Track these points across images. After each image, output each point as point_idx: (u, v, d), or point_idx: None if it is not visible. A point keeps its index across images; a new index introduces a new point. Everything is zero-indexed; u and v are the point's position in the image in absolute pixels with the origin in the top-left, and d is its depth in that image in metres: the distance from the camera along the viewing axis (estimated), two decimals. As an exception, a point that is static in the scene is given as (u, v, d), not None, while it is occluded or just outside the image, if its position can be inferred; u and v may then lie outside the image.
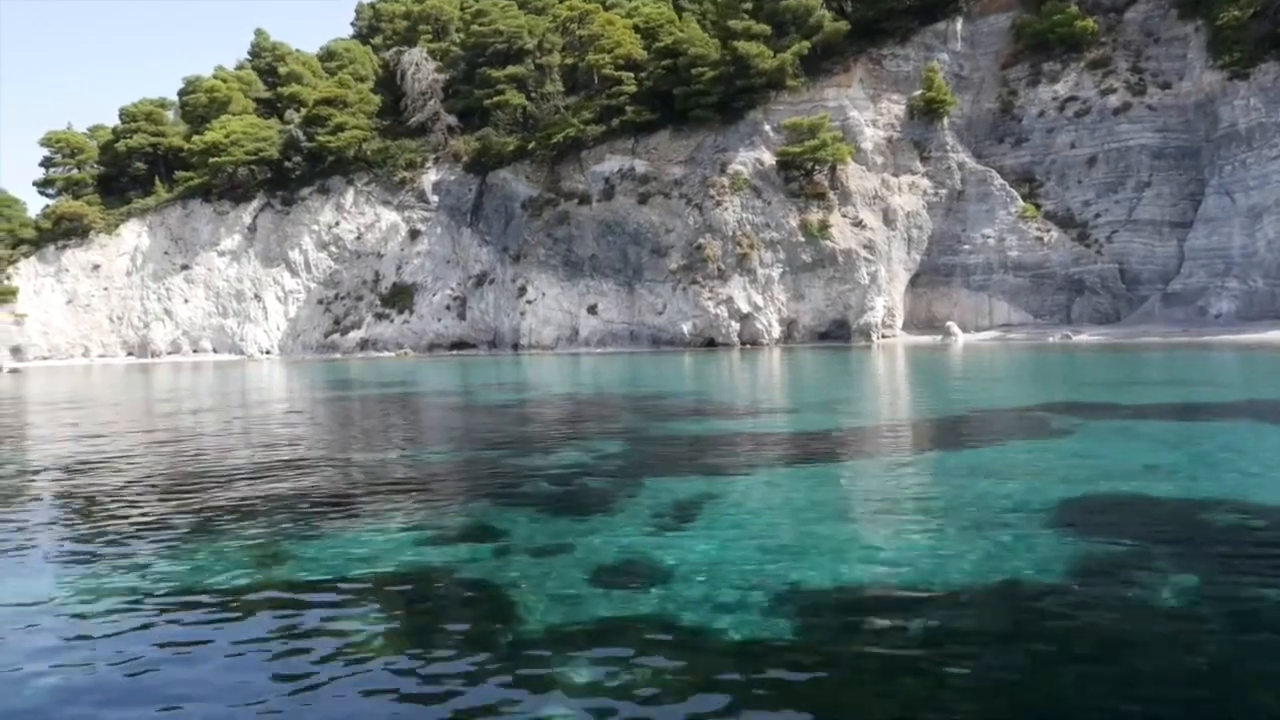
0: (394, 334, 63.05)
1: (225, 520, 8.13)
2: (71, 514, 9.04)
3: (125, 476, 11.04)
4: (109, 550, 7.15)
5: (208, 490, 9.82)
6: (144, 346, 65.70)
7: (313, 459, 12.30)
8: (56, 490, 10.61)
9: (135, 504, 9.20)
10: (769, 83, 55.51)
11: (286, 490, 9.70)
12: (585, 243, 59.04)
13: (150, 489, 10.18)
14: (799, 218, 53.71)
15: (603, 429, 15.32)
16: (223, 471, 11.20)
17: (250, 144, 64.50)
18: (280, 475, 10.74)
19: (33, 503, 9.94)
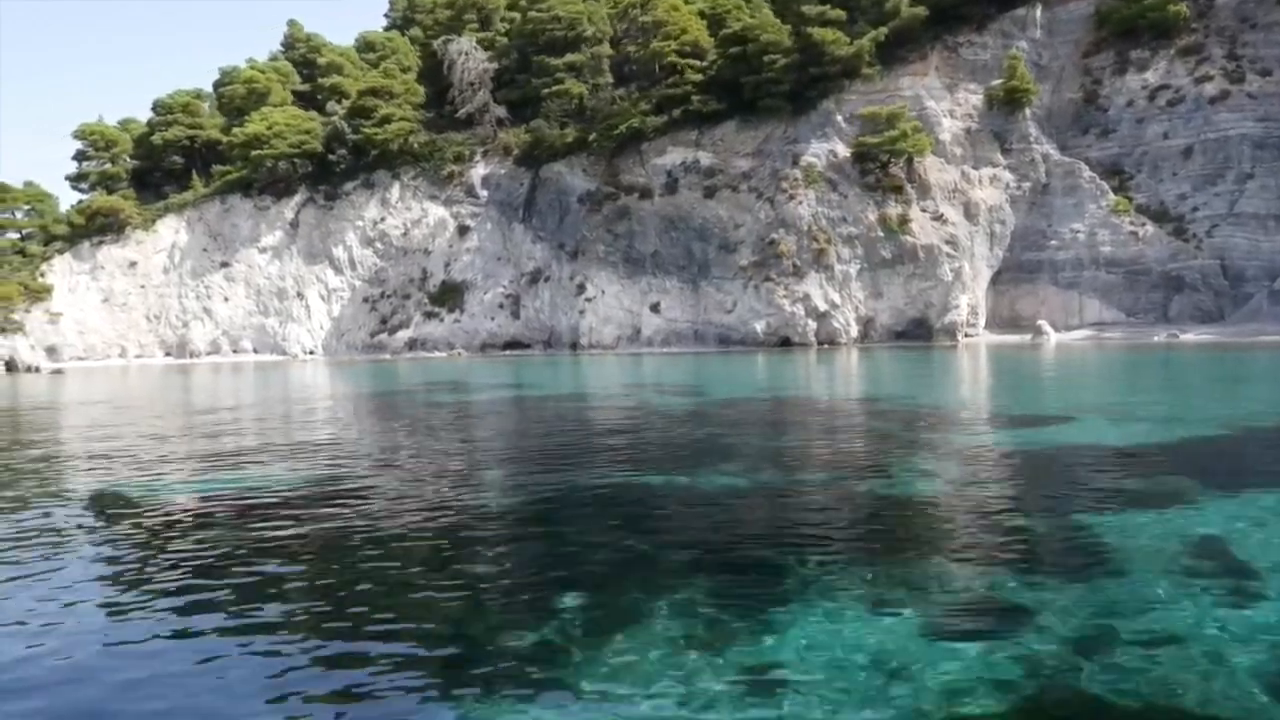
0: (444, 333, 60.62)
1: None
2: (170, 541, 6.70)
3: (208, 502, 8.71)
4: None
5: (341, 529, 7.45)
6: (182, 347, 63.27)
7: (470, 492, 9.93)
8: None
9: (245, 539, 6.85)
10: (843, 71, 53.22)
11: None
12: (647, 238, 56.66)
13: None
14: (877, 212, 51.37)
15: (903, 448, 12.91)
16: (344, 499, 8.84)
17: (293, 136, 62.09)
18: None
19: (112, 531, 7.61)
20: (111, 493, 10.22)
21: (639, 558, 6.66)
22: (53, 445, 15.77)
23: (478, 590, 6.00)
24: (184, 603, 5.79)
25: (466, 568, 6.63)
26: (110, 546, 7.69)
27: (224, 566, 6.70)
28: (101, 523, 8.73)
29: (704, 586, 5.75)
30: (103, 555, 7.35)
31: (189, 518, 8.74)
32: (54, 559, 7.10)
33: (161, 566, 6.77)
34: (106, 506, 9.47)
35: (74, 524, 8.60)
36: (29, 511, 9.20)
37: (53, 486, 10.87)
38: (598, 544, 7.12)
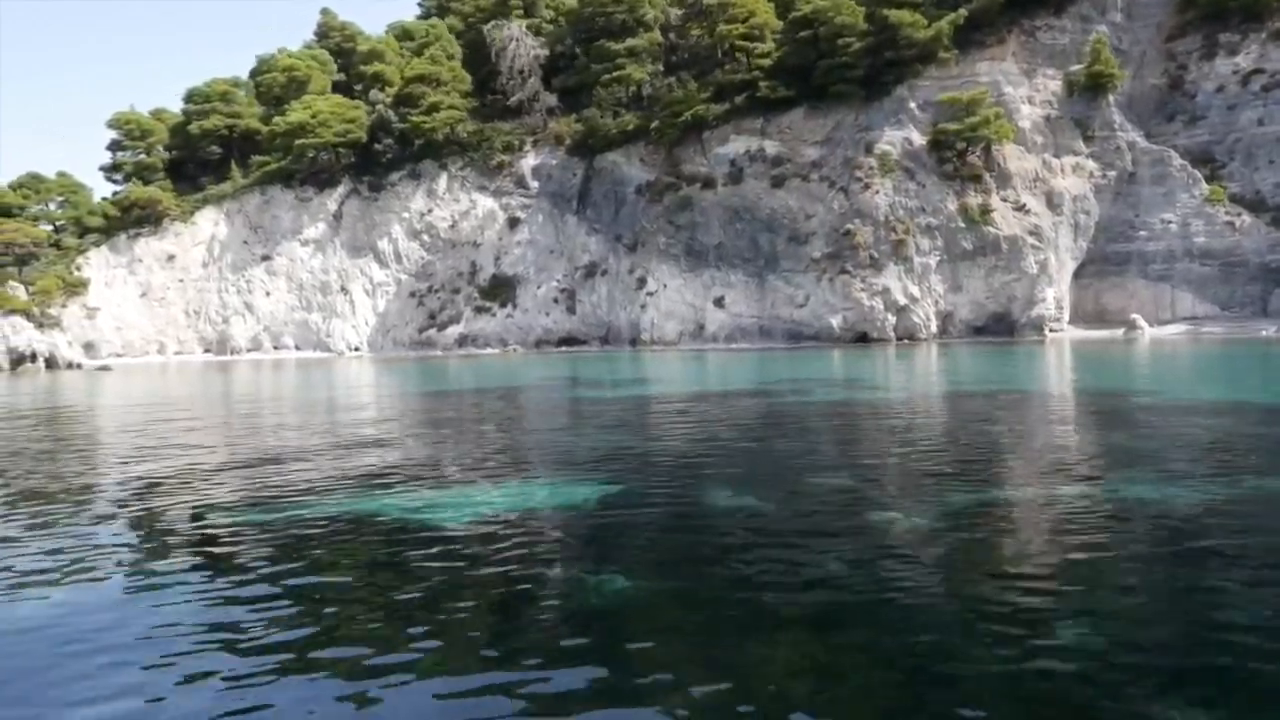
0: (497, 329, 58.50)
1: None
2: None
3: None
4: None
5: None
6: (222, 343, 61.12)
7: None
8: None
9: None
10: (918, 56, 51.09)
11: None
12: (710, 230, 54.54)
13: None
14: (957, 202, 49.27)
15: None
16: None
17: (338, 125, 59.93)
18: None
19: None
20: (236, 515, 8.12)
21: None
22: (148, 453, 13.64)
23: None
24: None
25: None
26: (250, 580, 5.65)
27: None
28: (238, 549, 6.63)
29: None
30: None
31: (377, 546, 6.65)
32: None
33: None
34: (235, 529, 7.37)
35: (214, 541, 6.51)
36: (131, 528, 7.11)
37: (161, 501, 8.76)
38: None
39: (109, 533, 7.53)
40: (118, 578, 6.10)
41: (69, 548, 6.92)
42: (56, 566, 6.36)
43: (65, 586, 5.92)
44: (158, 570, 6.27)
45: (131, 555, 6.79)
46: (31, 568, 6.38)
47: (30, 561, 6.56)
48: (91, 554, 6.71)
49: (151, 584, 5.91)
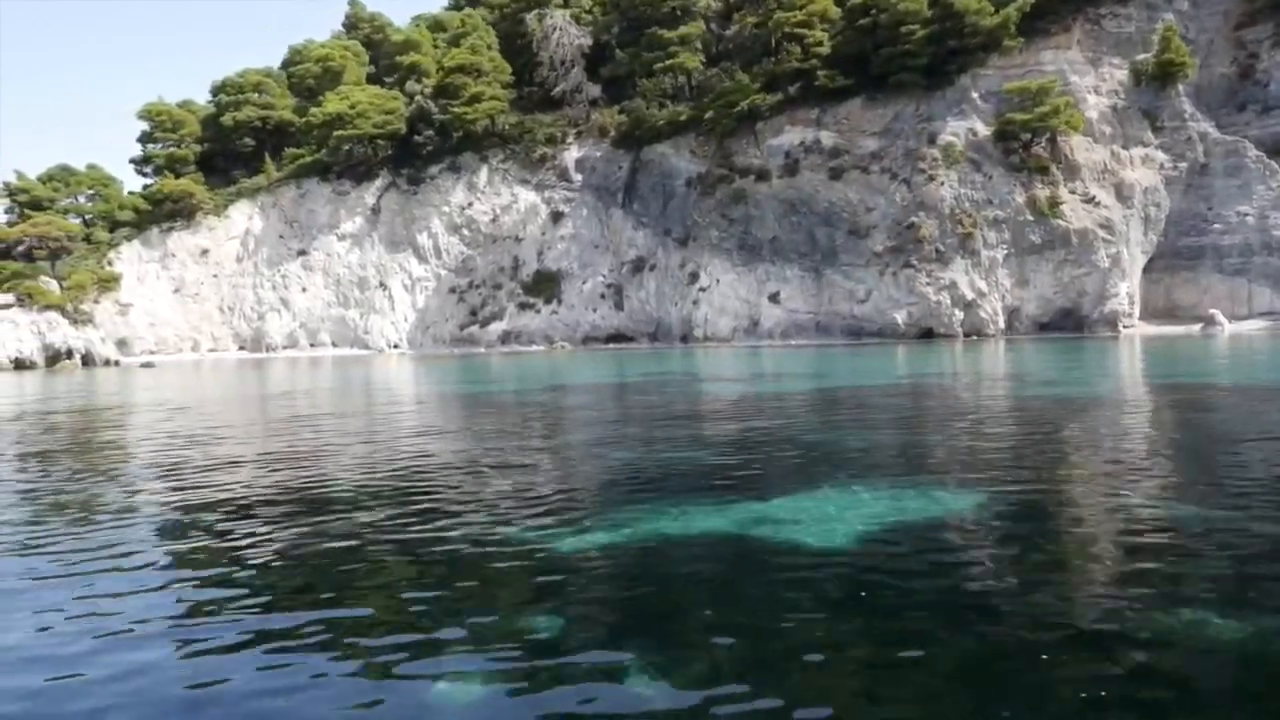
0: (541, 326, 56.97)
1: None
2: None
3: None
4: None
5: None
6: (258, 340, 59.53)
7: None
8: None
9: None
10: (983, 44, 49.66)
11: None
12: (765, 224, 53.04)
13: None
14: (1025, 194, 47.81)
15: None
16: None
17: (377, 116, 58.33)
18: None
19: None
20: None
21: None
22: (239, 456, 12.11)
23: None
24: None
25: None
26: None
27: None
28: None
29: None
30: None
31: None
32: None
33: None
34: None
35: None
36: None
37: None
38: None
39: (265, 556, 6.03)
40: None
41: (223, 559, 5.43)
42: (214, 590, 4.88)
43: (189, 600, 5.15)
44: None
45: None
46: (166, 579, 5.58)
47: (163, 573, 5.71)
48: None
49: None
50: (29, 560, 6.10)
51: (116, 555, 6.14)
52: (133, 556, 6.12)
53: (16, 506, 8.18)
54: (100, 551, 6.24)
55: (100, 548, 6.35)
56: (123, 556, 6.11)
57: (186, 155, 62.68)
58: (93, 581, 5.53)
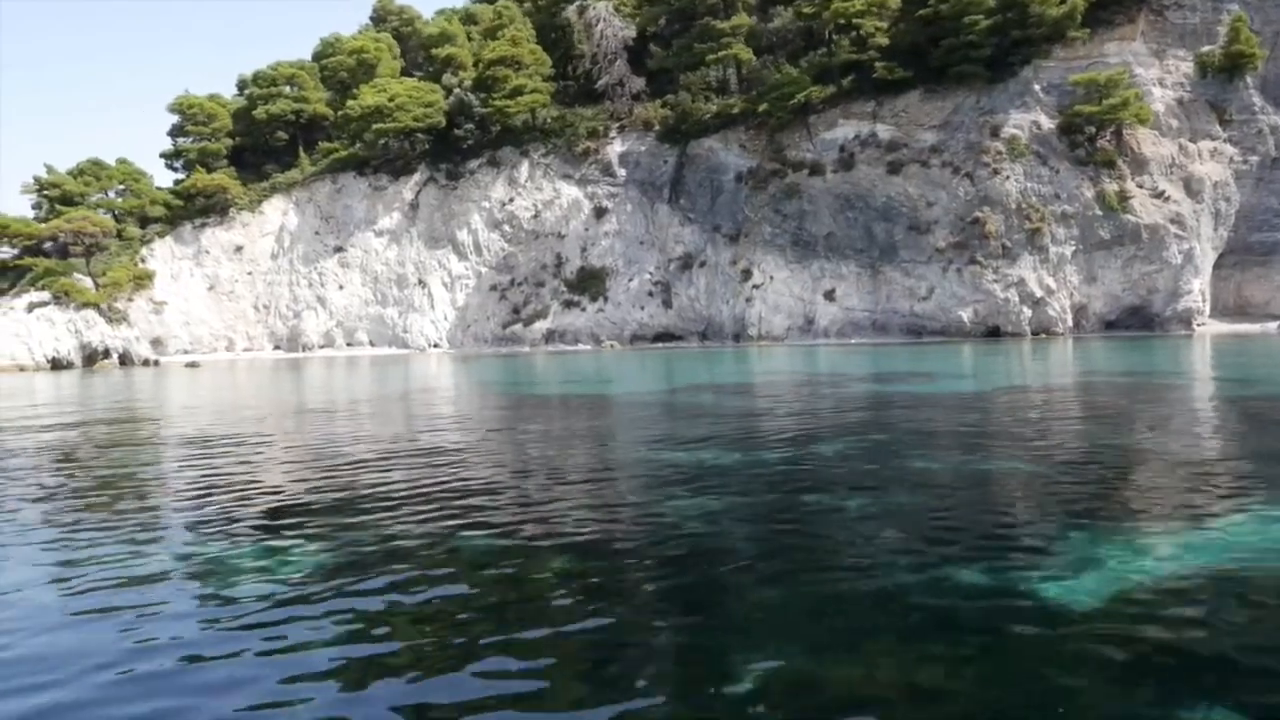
0: (587, 324, 55.57)
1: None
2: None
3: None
4: None
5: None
6: (294, 339, 58.07)
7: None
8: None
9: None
10: (1047, 35, 48.42)
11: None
12: (819, 219, 51.74)
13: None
14: (1093, 188, 46.58)
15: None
16: None
17: (416, 109, 56.85)
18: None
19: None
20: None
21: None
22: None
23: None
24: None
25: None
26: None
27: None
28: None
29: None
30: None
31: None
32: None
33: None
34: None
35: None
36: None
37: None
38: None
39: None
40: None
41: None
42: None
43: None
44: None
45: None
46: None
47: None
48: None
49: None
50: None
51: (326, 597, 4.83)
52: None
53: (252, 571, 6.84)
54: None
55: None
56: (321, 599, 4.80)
57: (219, 149, 61.10)
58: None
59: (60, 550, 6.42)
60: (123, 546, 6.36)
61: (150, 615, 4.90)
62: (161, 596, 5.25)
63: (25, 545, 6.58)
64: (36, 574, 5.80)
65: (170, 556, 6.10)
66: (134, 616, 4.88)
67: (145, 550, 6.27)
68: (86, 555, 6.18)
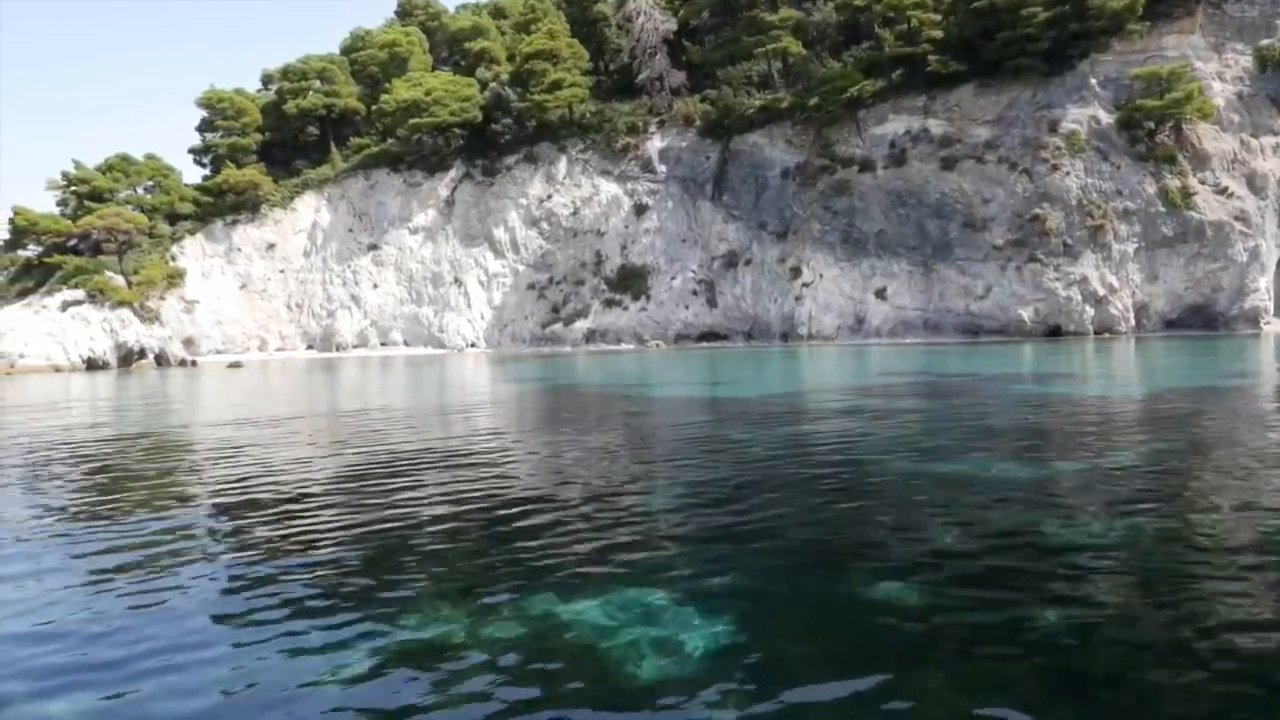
0: (629, 323, 54.43)
1: None
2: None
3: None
4: None
5: None
6: (327, 339, 56.80)
7: None
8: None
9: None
10: (1106, 28, 47.42)
11: None
12: (870, 216, 50.69)
13: None
14: (1156, 184, 45.61)
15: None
16: None
17: (453, 103, 55.63)
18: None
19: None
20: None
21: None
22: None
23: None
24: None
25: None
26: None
27: None
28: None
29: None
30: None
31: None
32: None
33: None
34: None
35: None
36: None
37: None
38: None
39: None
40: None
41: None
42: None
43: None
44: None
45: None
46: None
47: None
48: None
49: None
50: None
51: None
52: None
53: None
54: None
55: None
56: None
57: (248, 144, 59.74)
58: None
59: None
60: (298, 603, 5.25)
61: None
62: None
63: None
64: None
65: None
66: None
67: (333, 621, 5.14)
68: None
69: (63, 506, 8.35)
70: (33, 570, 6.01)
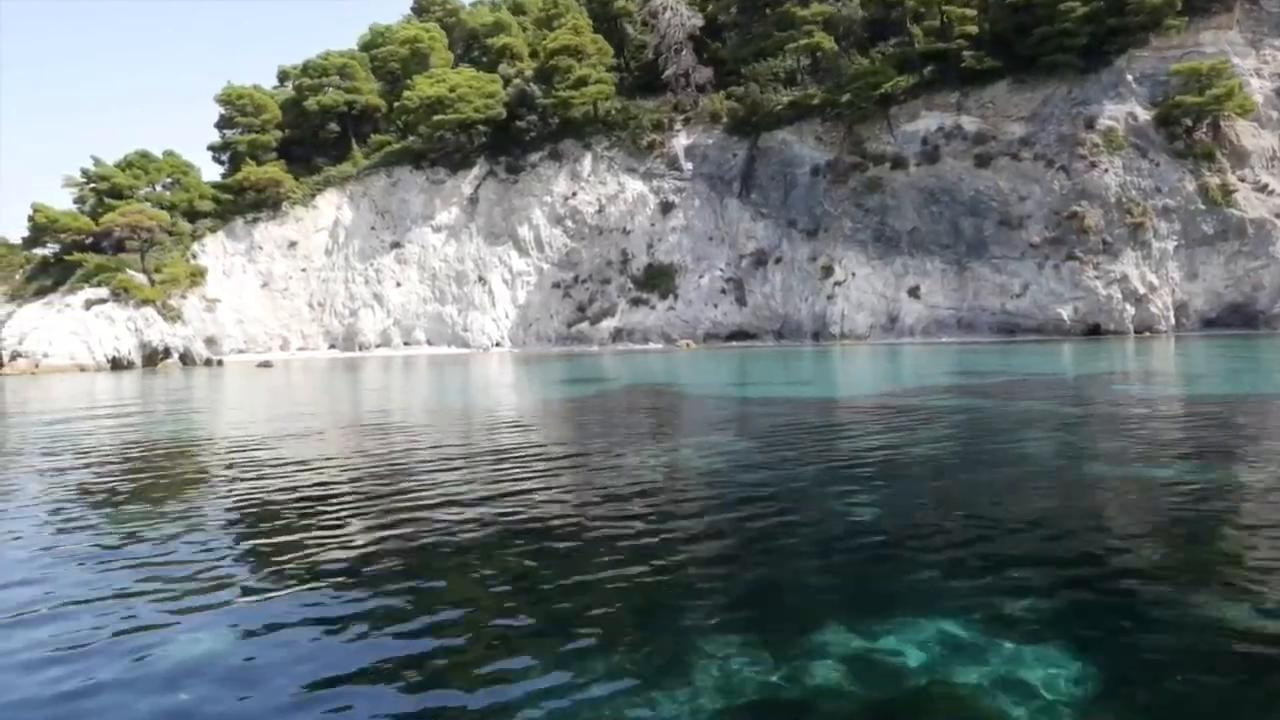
0: (657, 322, 53.79)
1: None
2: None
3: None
4: None
5: None
6: (350, 338, 56.08)
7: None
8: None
9: None
10: (1144, 24, 46.89)
11: None
12: (903, 214, 50.11)
13: None
14: (1195, 181, 45.09)
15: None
16: None
17: (478, 100, 54.93)
18: None
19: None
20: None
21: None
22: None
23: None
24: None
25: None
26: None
27: None
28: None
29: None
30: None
31: None
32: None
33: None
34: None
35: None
36: None
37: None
38: None
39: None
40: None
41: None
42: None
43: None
44: None
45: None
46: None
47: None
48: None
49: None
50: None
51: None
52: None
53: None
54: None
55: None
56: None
57: (268, 141, 58.96)
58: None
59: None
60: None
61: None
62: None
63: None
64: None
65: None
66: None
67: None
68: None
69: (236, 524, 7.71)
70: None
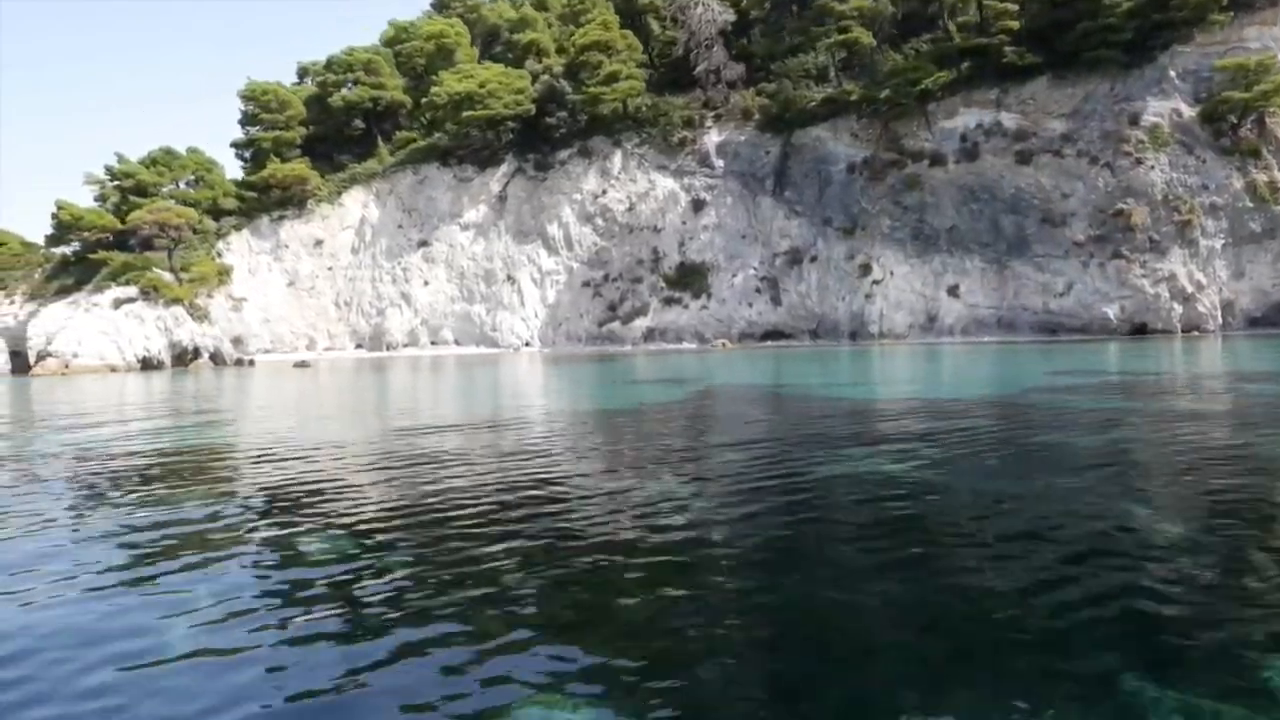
0: (690, 322, 53.08)
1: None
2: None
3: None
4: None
5: None
6: (377, 338, 55.30)
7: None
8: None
9: None
10: (1188, 19, 46.27)
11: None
12: (942, 211, 49.47)
13: None
14: (1242, 179, 44.48)
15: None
16: None
17: (507, 96, 54.16)
18: None
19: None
20: None
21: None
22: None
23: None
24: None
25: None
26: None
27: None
28: None
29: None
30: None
31: None
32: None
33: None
34: None
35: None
36: None
37: None
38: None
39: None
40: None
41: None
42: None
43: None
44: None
45: None
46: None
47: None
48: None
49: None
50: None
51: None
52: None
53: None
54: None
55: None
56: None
57: (292, 138, 58.10)
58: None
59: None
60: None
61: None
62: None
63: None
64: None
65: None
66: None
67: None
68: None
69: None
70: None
